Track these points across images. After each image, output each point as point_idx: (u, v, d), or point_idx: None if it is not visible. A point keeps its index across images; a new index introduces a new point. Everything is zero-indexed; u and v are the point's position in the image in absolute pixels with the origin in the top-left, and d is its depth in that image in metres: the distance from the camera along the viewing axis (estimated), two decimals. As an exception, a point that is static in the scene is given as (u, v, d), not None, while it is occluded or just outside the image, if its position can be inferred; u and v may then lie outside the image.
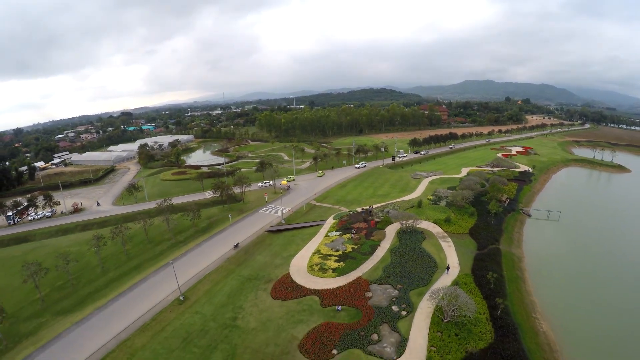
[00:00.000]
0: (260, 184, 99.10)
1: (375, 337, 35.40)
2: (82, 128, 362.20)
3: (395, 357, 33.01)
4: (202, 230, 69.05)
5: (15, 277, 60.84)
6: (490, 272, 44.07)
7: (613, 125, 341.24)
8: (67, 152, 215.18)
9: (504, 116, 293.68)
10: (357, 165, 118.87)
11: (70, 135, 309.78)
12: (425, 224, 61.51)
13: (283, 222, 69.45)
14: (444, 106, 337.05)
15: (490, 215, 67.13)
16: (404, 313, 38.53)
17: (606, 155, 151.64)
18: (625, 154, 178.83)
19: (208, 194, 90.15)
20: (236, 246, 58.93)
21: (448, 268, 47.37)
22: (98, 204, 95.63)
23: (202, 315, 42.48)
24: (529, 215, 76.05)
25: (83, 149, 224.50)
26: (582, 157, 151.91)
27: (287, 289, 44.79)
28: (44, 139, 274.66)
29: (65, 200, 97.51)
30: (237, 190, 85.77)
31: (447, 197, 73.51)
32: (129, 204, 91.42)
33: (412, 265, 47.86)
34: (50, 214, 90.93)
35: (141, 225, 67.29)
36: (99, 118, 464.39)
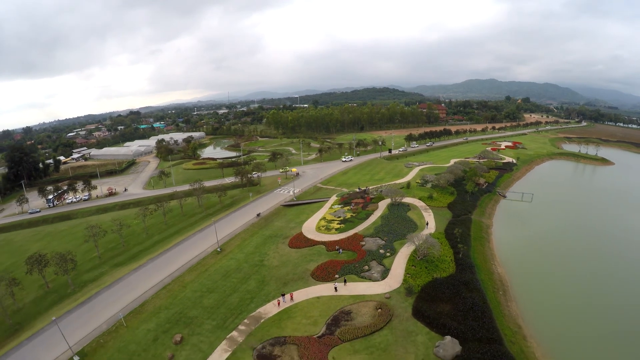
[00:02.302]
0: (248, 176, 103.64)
1: (366, 268, 48.71)
2: (92, 126, 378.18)
3: (380, 279, 46.28)
4: (228, 206, 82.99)
5: (68, 244, 73.24)
6: (457, 229, 57.06)
7: (610, 123, 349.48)
8: (85, 148, 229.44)
9: (501, 114, 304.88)
10: (343, 159, 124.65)
11: (82, 133, 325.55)
12: (411, 200, 74.63)
13: (295, 199, 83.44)
14: (443, 105, 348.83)
15: (467, 194, 79.92)
16: (388, 254, 51.77)
17: (591, 150, 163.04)
18: (614, 149, 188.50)
19: (228, 180, 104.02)
20: (258, 215, 72.90)
21: (427, 224, 61.17)
22: (125, 190, 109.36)
23: (236, 260, 55.96)
24: (504, 197, 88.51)
25: (99, 145, 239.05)
26: (568, 151, 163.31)
27: (301, 241, 58.50)
28: (60, 136, 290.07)
29: (100, 186, 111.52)
30: (254, 175, 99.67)
31: (432, 181, 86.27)
32: (159, 188, 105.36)
33: (398, 226, 60.97)
34: (87, 197, 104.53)
35: (176, 202, 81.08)
36: (109, 117, 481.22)
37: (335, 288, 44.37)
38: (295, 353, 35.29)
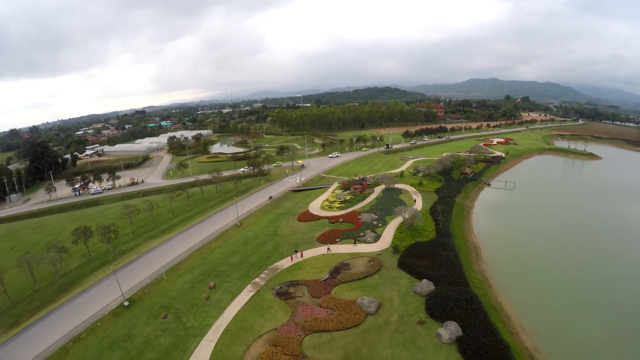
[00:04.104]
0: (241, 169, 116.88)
1: (362, 234, 59.51)
2: (98, 125, 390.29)
3: (373, 242, 57.07)
4: (242, 191, 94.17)
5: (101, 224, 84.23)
6: (439, 206, 67.51)
7: (608, 121, 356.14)
8: (98, 145, 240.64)
9: (498, 113, 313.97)
10: (330, 155, 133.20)
11: (90, 131, 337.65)
12: (403, 185, 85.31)
13: (301, 185, 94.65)
14: (442, 104, 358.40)
15: (454, 181, 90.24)
16: (380, 225, 62.58)
17: (581, 146, 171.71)
18: (606, 146, 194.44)
19: (240, 171, 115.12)
20: (270, 198, 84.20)
21: (415, 202, 71.67)
22: (142, 181, 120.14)
23: (253, 232, 66.80)
24: (488, 185, 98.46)
25: (110, 142, 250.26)
26: (557, 147, 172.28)
27: (308, 217, 69.60)
28: (69, 135, 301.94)
29: (122, 177, 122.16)
30: (265, 167, 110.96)
31: (423, 170, 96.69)
32: (177, 178, 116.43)
33: (389, 205, 71.53)
34: (110, 186, 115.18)
35: (196, 188, 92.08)
36: (116, 116, 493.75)
37: (329, 249, 55.17)
38: (305, 290, 45.99)
